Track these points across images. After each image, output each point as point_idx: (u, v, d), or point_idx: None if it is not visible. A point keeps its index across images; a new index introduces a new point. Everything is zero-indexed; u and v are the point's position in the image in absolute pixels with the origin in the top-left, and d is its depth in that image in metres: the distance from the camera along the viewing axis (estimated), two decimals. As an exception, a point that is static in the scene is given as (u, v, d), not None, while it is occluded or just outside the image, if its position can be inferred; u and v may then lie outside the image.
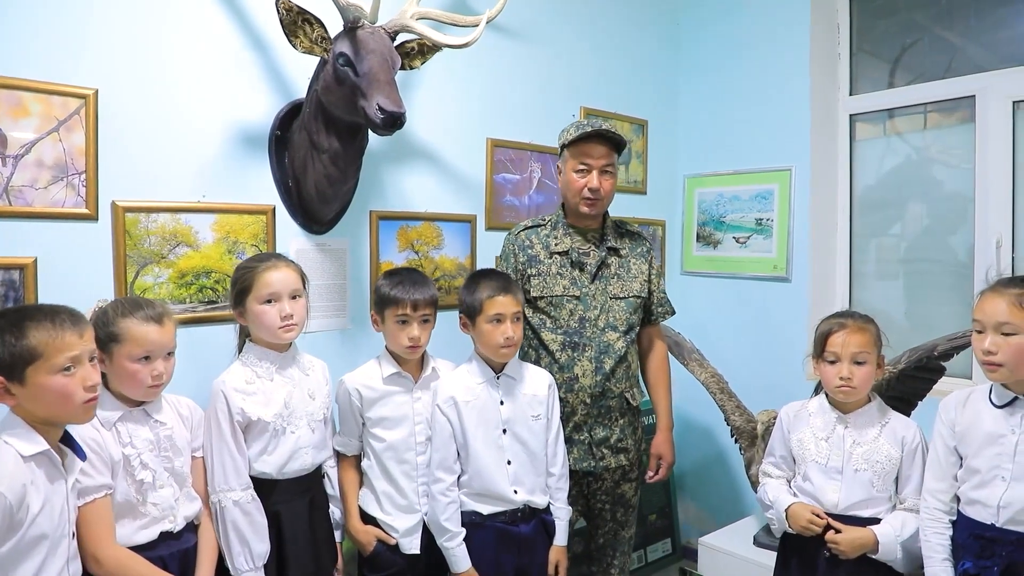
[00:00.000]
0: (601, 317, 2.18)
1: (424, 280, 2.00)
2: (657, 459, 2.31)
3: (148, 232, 1.94)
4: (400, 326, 1.94)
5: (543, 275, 2.21)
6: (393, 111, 1.84)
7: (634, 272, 2.26)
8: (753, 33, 3.13)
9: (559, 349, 2.17)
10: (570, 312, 2.18)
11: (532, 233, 2.28)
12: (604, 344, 2.16)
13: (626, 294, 2.22)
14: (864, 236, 3.06)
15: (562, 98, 2.92)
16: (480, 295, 1.95)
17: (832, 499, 1.83)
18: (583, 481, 2.24)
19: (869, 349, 1.82)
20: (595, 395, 2.15)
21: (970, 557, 1.63)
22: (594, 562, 2.36)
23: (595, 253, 2.22)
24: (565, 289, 2.18)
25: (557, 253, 2.22)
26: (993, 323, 1.61)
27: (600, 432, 2.18)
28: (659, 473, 2.31)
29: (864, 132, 3.07)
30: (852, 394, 1.83)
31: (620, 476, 2.26)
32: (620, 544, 2.31)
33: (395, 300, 1.93)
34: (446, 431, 1.95)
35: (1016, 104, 2.61)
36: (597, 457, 2.18)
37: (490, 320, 1.94)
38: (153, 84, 1.93)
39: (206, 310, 2.04)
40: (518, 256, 2.25)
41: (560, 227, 2.26)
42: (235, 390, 1.77)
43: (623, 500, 2.28)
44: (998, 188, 2.63)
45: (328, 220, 2.26)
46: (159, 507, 1.60)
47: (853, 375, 1.81)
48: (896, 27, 2.97)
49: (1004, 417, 1.63)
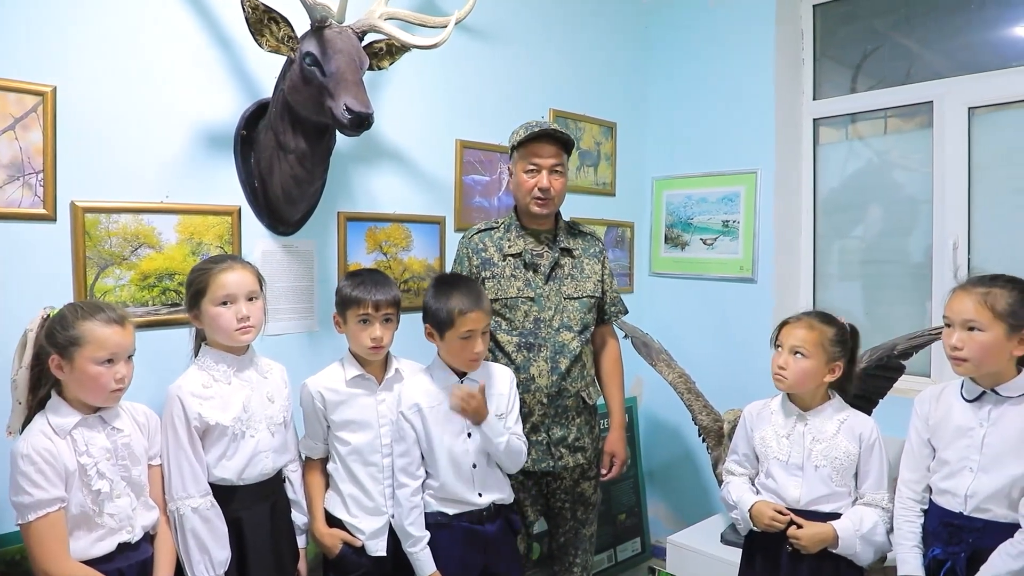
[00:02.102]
0: (556, 318, 2.19)
1: (386, 280, 1.98)
2: (610, 457, 2.34)
3: (109, 233, 1.90)
4: (362, 326, 1.92)
5: (497, 277, 2.21)
6: (361, 112, 1.83)
7: (587, 272, 2.28)
8: (720, 39, 3.17)
9: (514, 350, 2.17)
10: (524, 313, 2.18)
11: (485, 236, 2.28)
12: (559, 344, 2.18)
13: (580, 294, 2.24)
14: (827, 238, 3.12)
15: (531, 100, 2.93)
16: (451, 308, 1.90)
17: (794, 495, 1.87)
18: (542, 481, 2.25)
19: (810, 346, 1.85)
20: (552, 395, 2.16)
21: (939, 544, 1.70)
22: (556, 561, 2.37)
23: (548, 254, 2.23)
24: (519, 291, 2.19)
25: (511, 255, 2.22)
26: (960, 320, 1.67)
27: (558, 432, 2.19)
28: (612, 471, 2.34)
29: (827, 136, 3.13)
30: (782, 384, 1.88)
31: (579, 475, 2.27)
32: (581, 542, 2.32)
33: (356, 300, 1.91)
34: (410, 437, 1.93)
35: (972, 110, 2.67)
36: (555, 457, 2.19)
37: (461, 336, 1.91)
38: (114, 82, 1.90)
39: (169, 313, 2.00)
40: (472, 259, 2.25)
41: (513, 229, 2.26)
42: (191, 394, 1.73)
43: (583, 498, 2.30)
44: (955, 192, 2.70)
45: (295, 221, 2.23)
46: (116, 517, 1.56)
47: (787, 365, 1.86)
48: (858, 34, 3.03)
49: (973, 411, 1.69)
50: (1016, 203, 2.64)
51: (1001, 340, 1.63)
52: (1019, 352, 1.63)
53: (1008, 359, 1.65)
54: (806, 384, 1.87)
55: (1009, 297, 1.63)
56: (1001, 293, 1.64)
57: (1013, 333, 1.62)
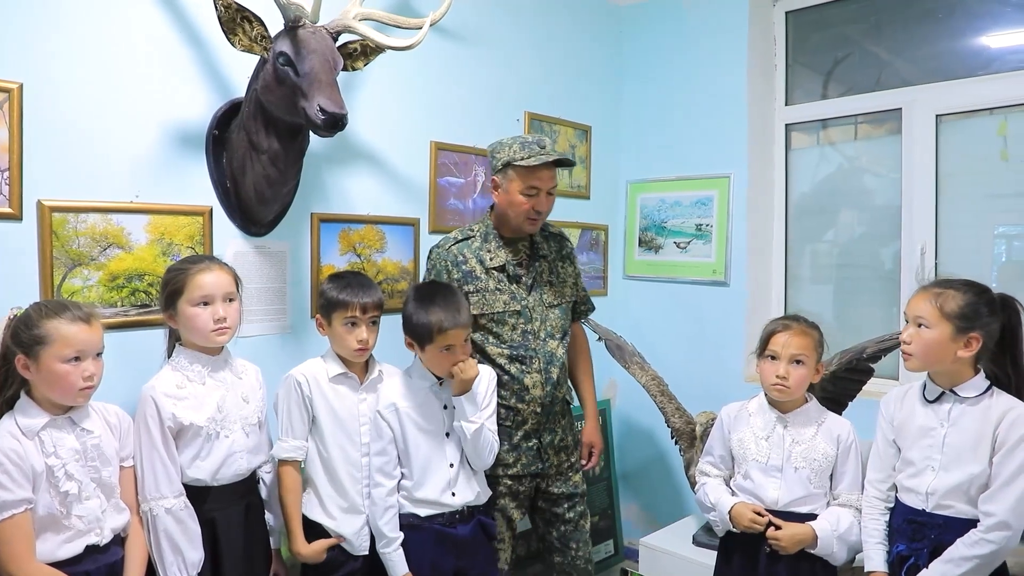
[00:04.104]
0: (542, 328, 2.20)
1: (370, 282, 2.00)
2: (589, 447, 2.38)
3: (77, 233, 1.87)
4: (349, 329, 1.93)
5: (481, 292, 2.16)
6: (334, 112, 1.82)
7: (563, 276, 2.29)
8: (694, 44, 3.20)
9: (506, 362, 2.16)
10: (512, 327, 2.17)
11: (464, 247, 2.21)
12: (548, 354, 2.19)
13: (559, 301, 2.25)
14: (799, 242, 3.16)
15: (506, 102, 2.93)
16: (430, 325, 1.89)
17: (772, 496, 1.89)
18: (531, 484, 2.24)
19: (808, 352, 1.88)
20: (545, 404, 2.18)
21: (904, 541, 1.74)
22: (557, 552, 2.32)
23: (527, 263, 2.23)
24: (506, 304, 2.17)
25: (494, 269, 2.19)
26: (912, 316, 1.74)
27: (547, 437, 2.21)
28: (591, 460, 2.39)
29: (799, 141, 3.17)
30: (786, 393, 1.89)
31: (567, 468, 2.29)
32: (582, 534, 2.32)
33: (344, 303, 1.92)
34: (387, 436, 1.94)
35: (939, 117, 2.73)
36: (544, 459, 2.21)
37: (441, 350, 1.92)
38: (84, 79, 1.87)
39: (139, 314, 1.97)
40: (452, 272, 2.18)
41: (492, 239, 2.21)
42: (165, 395, 1.72)
43: (577, 490, 2.30)
44: (923, 197, 2.75)
45: (267, 222, 2.21)
46: (84, 520, 1.53)
47: (789, 375, 1.87)
48: (829, 41, 3.07)
49: (934, 411, 1.73)
50: (981, 209, 2.70)
51: (945, 339, 1.67)
52: (964, 354, 1.67)
53: (954, 359, 1.69)
54: (803, 389, 1.91)
55: (960, 300, 1.67)
56: (953, 295, 1.68)
57: (959, 335, 1.67)
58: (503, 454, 2.16)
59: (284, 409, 1.94)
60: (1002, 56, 2.65)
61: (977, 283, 1.72)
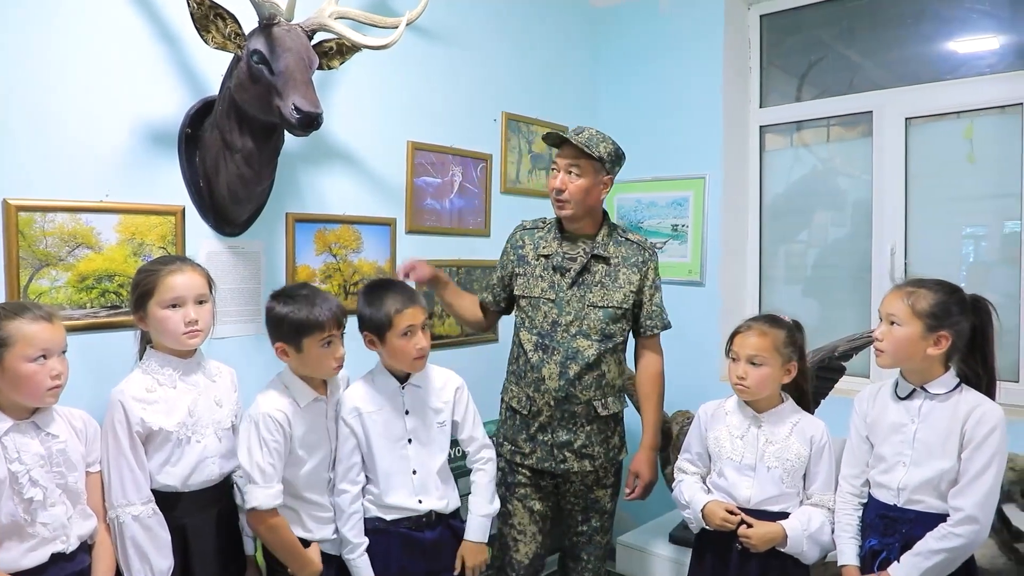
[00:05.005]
0: (574, 323, 2.18)
1: (324, 292, 1.89)
2: (635, 476, 2.27)
3: (44, 233, 1.83)
4: (326, 349, 1.82)
5: (527, 275, 2.25)
6: (310, 111, 1.81)
7: (621, 282, 2.21)
8: (669, 46, 3.22)
9: (532, 349, 2.20)
10: (544, 314, 2.20)
11: (528, 234, 2.33)
12: (573, 350, 2.17)
13: (606, 303, 2.19)
14: (773, 242, 3.20)
15: (484, 103, 2.93)
16: (387, 309, 1.87)
17: (745, 494, 1.90)
18: (551, 481, 2.26)
19: (766, 352, 1.88)
20: (559, 399, 2.16)
21: (876, 535, 1.77)
22: (569, 557, 2.35)
23: (580, 259, 2.21)
24: (543, 292, 2.21)
25: (543, 256, 2.25)
26: (885, 314, 1.77)
27: (563, 435, 2.18)
28: (635, 491, 2.27)
29: (773, 143, 3.20)
30: (746, 393, 1.91)
31: (592, 481, 2.26)
32: (596, 549, 2.30)
33: (319, 324, 1.78)
34: (350, 442, 1.90)
35: (908, 120, 2.77)
36: (557, 459, 2.19)
37: (402, 334, 1.88)
38: (51, 76, 1.83)
39: (108, 315, 1.94)
40: (509, 255, 2.33)
41: (553, 231, 2.28)
42: (134, 399, 1.68)
43: (596, 506, 2.28)
44: (893, 199, 2.80)
45: (241, 222, 2.19)
46: (49, 527, 1.50)
47: (747, 375, 1.89)
48: (803, 44, 3.11)
49: (905, 408, 1.76)
50: (949, 210, 2.75)
51: (916, 337, 1.70)
52: (934, 352, 1.70)
53: (924, 357, 1.71)
54: (767, 389, 1.91)
55: (932, 299, 1.70)
56: (925, 295, 1.71)
57: (929, 333, 1.70)
58: (521, 443, 2.21)
59: (263, 452, 1.75)
60: (968, 61, 2.70)
61: (949, 283, 1.75)
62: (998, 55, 2.64)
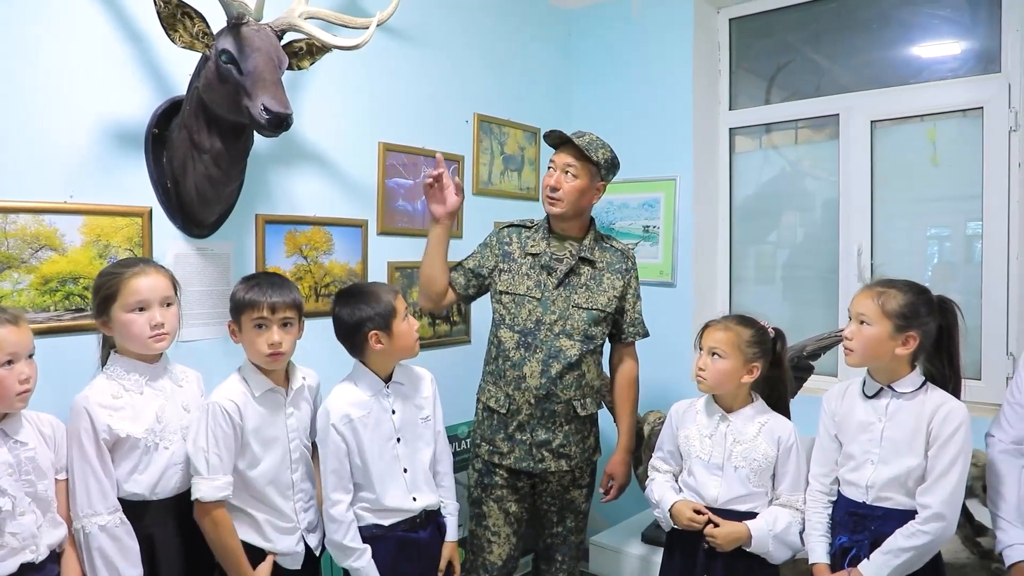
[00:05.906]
0: (558, 323, 2.19)
1: (284, 282, 1.86)
2: (609, 478, 2.33)
3: (6, 234, 1.79)
4: (258, 331, 1.78)
5: (512, 272, 2.26)
6: (279, 112, 1.79)
7: (605, 286, 2.26)
8: (641, 48, 3.24)
9: (513, 347, 2.20)
10: (528, 312, 2.20)
11: (514, 232, 2.33)
12: (555, 349, 2.18)
13: (590, 305, 2.22)
14: (743, 243, 3.23)
15: (455, 104, 2.92)
16: (386, 299, 1.89)
17: (713, 494, 1.92)
18: (528, 482, 2.26)
19: (727, 347, 1.90)
20: (540, 397, 2.17)
21: (846, 533, 1.79)
22: (542, 560, 2.38)
23: (567, 260, 2.23)
24: (528, 289, 2.22)
25: (530, 254, 2.26)
26: (855, 313, 1.80)
27: (541, 435, 2.19)
28: (609, 493, 2.33)
29: (743, 145, 3.24)
30: (703, 384, 1.94)
31: (569, 482, 2.27)
32: (570, 549, 2.33)
33: (251, 303, 1.77)
34: (340, 451, 1.85)
35: (874, 123, 2.83)
36: (536, 459, 2.20)
37: (404, 318, 1.91)
38: (12, 75, 1.79)
39: (73, 318, 1.90)
40: (493, 248, 2.32)
41: (542, 231, 2.29)
42: (100, 406, 1.64)
43: (572, 506, 2.30)
44: (859, 200, 2.85)
45: (210, 223, 2.16)
46: (19, 537, 1.46)
47: (706, 367, 1.92)
48: (772, 47, 3.15)
49: (872, 406, 1.79)
50: (913, 212, 2.80)
51: (884, 337, 1.73)
52: (902, 351, 1.74)
53: (892, 356, 1.75)
54: (724, 384, 1.93)
55: (902, 299, 1.74)
56: (895, 295, 1.74)
57: (898, 333, 1.73)
58: (499, 442, 2.21)
59: (209, 441, 1.73)
60: (931, 65, 2.76)
61: (918, 284, 1.78)
62: (960, 60, 2.70)
